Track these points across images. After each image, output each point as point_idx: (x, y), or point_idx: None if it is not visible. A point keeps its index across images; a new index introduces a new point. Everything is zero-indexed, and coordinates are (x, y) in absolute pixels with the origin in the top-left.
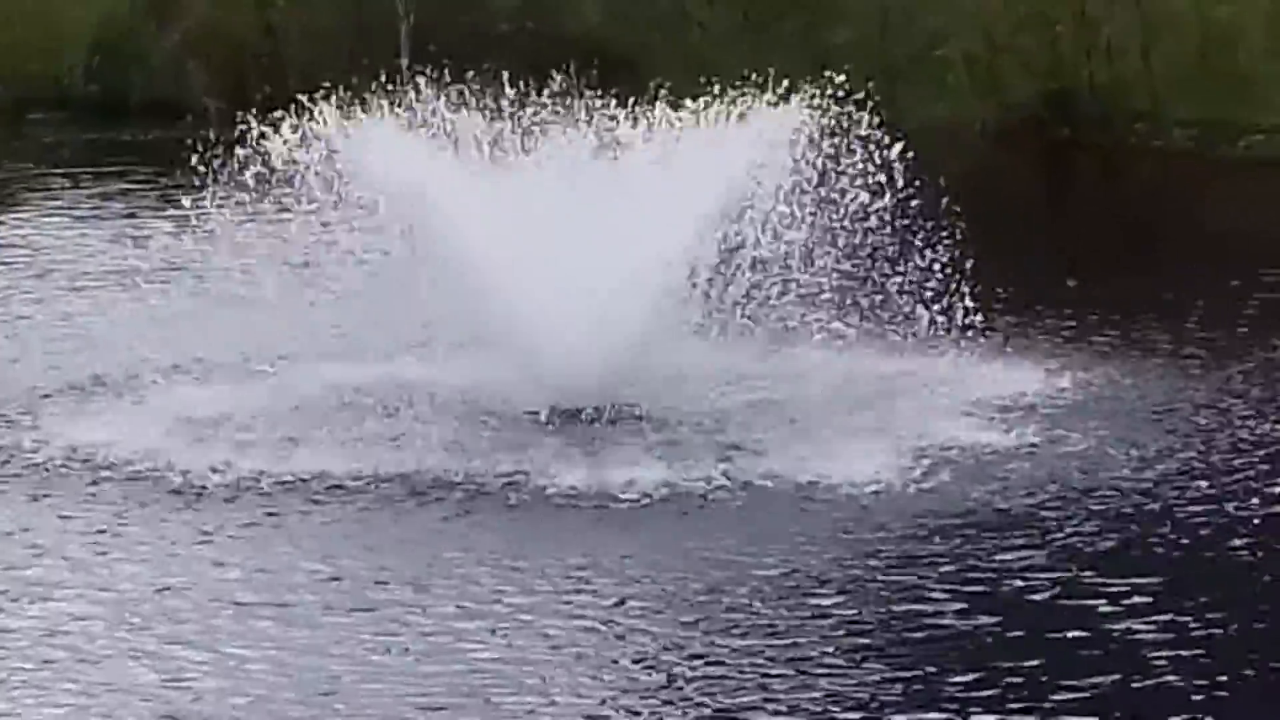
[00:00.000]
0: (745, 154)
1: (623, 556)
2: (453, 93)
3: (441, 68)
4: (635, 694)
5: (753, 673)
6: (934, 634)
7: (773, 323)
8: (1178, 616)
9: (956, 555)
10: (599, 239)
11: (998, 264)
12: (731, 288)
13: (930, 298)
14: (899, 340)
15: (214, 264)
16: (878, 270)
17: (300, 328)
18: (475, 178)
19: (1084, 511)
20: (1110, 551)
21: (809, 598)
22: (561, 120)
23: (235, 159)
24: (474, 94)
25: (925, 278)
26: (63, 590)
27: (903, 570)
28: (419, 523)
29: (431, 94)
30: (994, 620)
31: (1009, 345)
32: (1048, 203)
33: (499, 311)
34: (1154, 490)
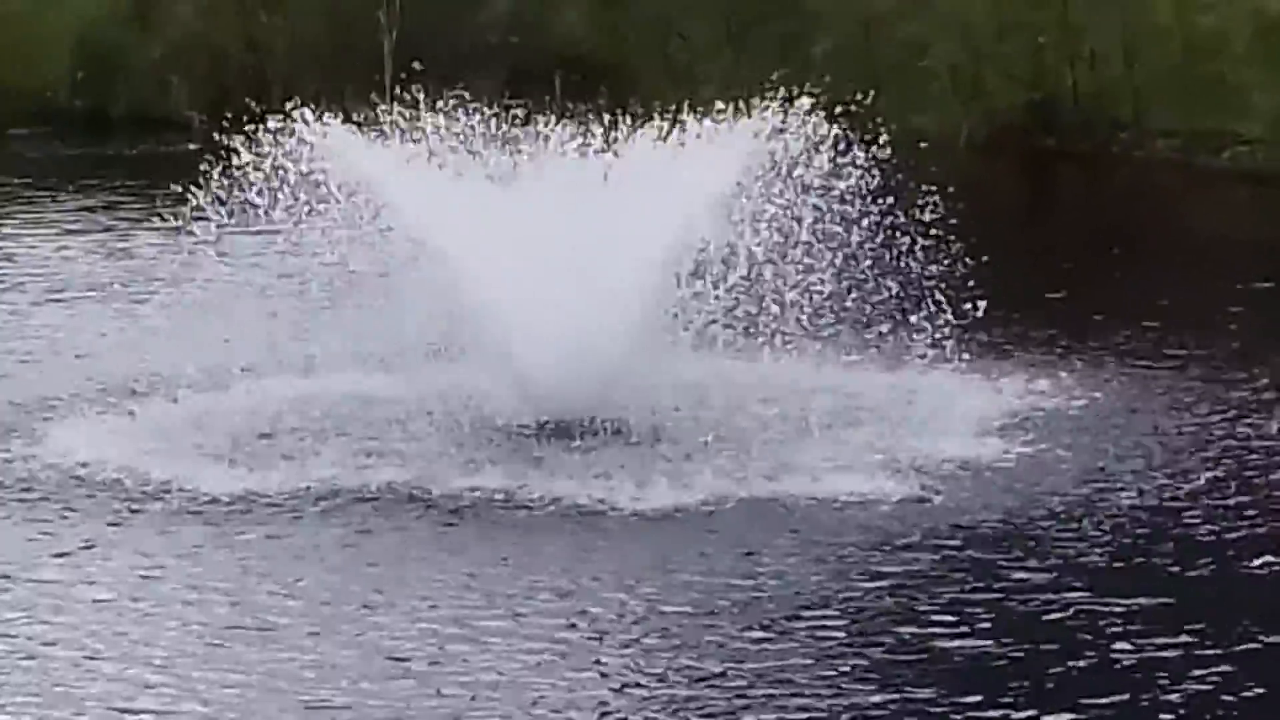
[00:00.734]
0: (729, 164)
1: (612, 572)
2: (437, 104)
3: (425, 81)
4: (624, 714)
5: (746, 692)
6: (932, 652)
7: (763, 335)
8: (1183, 635)
9: (953, 571)
10: (584, 250)
11: (982, 272)
12: (720, 300)
13: (918, 308)
14: (887, 353)
15: (196, 277)
16: (863, 281)
17: (278, 341)
18: (455, 188)
19: (1084, 526)
20: (1112, 568)
21: (803, 615)
22: (544, 131)
23: (219, 171)
24: (459, 105)
25: (912, 288)
26: (28, 610)
27: (900, 587)
28: (403, 539)
29: (416, 106)
30: (994, 639)
31: (994, 355)
32: (1031, 211)
33: (487, 323)
34: (1155, 505)
